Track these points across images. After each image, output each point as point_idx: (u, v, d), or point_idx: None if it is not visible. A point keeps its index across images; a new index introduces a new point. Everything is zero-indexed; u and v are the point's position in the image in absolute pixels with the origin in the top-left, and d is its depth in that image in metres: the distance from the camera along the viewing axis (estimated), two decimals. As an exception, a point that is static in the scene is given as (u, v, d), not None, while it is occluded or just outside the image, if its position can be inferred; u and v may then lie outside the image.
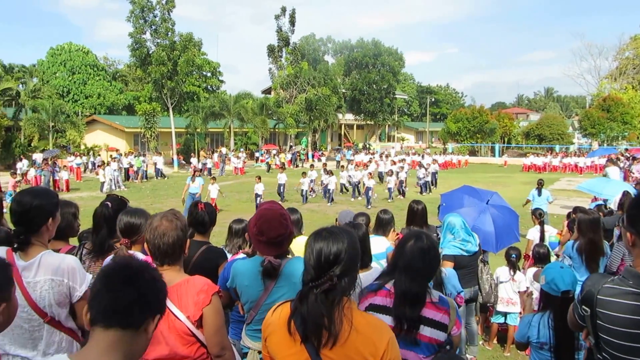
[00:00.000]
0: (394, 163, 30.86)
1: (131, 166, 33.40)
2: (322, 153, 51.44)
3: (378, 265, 4.60)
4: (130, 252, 3.68)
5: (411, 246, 3.12)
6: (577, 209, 7.91)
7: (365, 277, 3.71)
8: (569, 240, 6.74)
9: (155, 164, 35.49)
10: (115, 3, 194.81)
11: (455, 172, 42.66)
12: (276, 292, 3.23)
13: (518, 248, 7.54)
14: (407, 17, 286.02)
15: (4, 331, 2.73)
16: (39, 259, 2.94)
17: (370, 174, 24.06)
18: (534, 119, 74.19)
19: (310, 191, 24.86)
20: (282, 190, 23.86)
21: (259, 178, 21.63)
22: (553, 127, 60.28)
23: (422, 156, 41.79)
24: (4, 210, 4.37)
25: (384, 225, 5.96)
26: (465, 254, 5.88)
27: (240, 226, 5.31)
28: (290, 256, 3.39)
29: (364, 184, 23.89)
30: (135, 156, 35.37)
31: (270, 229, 3.17)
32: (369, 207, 20.94)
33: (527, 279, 7.09)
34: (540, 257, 7.00)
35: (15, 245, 2.96)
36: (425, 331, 3.02)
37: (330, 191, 23.25)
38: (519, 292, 7.25)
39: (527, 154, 48.43)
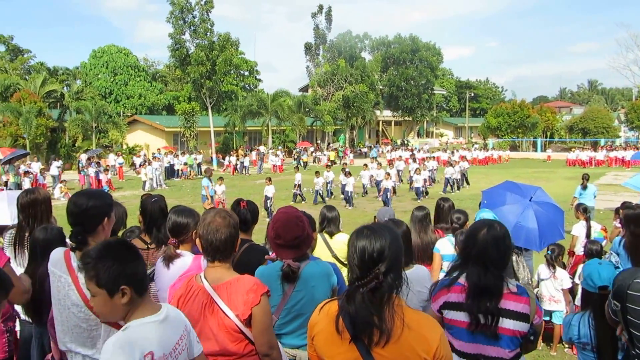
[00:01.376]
0: (422, 161, 29.42)
1: (185, 164, 34.62)
2: (352, 151, 51.45)
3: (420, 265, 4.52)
4: (178, 251, 3.72)
5: (484, 235, 3.02)
6: (624, 204, 7.67)
7: (407, 275, 3.63)
8: (617, 236, 6.53)
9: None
10: (154, 4, 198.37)
11: (496, 167, 42.05)
12: (295, 296, 3.26)
13: (560, 244, 7.32)
14: (445, 12, 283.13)
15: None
16: None
17: (388, 174, 22.66)
18: (578, 113, 72.54)
19: (329, 193, 23.94)
20: (299, 191, 23.01)
21: (269, 180, 20.61)
22: (598, 120, 58.91)
23: (453, 152, 40.71)
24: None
25: (419, 221, 5.91)
26: None
27: None
28: (309, 260, 3.41)
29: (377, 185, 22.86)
30: (189, 154, 36.86)
31: (287, 231, 3.24)
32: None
33: (578, 276, 6.89)
34: (593, 254, 6.78)
35: (73, 246, 3.06)
36: (507, 324, 2.91)
37: (349, 193, 21.76)
38: (562, 289, 7.05)
39: (572, 149, 47.27)
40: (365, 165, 26.80)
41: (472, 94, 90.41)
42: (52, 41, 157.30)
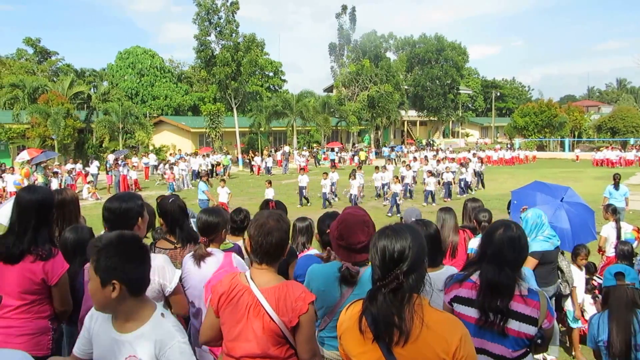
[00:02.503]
0: (440, 162, 27.63)
1: (218, 164, 35.58)
2: (376, 151, 51.31)
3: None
4: (209, 249, 3.79)
5: (500, 235, 3.07)
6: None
7: (437, 276, 3.60)
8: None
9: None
10: (179, 6, 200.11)
11: (522, 167, 41.52)
12: (352, 299, 3.15)
13: (585, 245, 7.16)
14: (471, 11, 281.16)
15: None
16: None
17: (397, 177, 21.34)
18: (606, 112, 71.46)
19: (333, 195, 22.68)
20: (304, 194, 21.63)
21: (270, 183, 19.77)
22: (627, 119, 57.93)
23: (474, 154, 39.26)
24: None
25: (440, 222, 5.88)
26: (551, 248, 5.65)
27: (304, 224, 5.23)
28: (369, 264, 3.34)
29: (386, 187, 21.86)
30: (224, 154, 37.81)
31: (351, 234, 3.15)
32: (389, 214, 18.86)
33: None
34: (625, 255, 6.66)
35: None
36: (513, 325, 2.95)
37: (352, 196, 20.72)
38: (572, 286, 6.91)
39: (600, 148, 46.47)
40: (377, 167, 25.05)
41: (498, 94, 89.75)
42: (79, 43, 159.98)
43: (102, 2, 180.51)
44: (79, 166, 31.29)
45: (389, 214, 18.91)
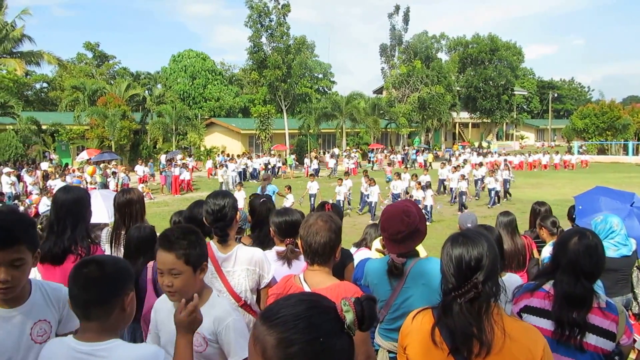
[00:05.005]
0: (455, 170, 24.26)
1: (284, 163, 37.24)
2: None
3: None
4: (297, 249, 3.83)
5: (575, 244, 2.93)
6: None
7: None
8: None
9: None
10: (230, 9, 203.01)
11: (579, 172, 40.24)
12: (404, 292, 3.17)
13: None
14: (526, 9, 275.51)
15: None
16: (235, 251, 3.46)
17: (419, 183, 19.68)
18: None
19: (347, 203, 21.02)
20: (312, 202, 19.65)
21: (289, 188, 18.27)
22: (697, 121, 55.43)
23: (505, 160, 35.44)
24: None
25: (507, 227, 5.70)
26: (614, 255, 5.39)
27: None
28: (420, 256, 3.30)
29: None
30: (289, 154, 39.15)
31: (391, 225, 3.15)
32: None
33: None
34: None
35: (218, 239, 3.47)
36: (590, 339, 2.79)
37: (372, 205, 19.07)
38: None
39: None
40: (398, 174, 22.63)
41: (555, 95, 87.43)
42: (135, 48, 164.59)
43: (156, 7, 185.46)
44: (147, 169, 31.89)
45: None
